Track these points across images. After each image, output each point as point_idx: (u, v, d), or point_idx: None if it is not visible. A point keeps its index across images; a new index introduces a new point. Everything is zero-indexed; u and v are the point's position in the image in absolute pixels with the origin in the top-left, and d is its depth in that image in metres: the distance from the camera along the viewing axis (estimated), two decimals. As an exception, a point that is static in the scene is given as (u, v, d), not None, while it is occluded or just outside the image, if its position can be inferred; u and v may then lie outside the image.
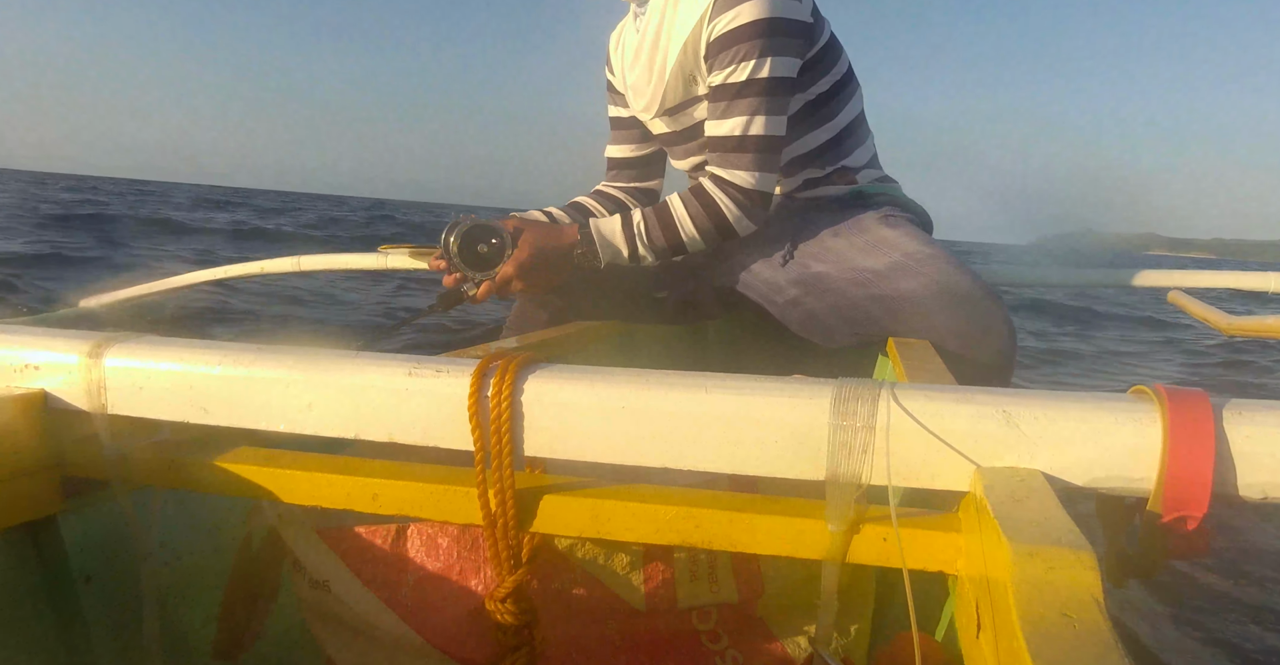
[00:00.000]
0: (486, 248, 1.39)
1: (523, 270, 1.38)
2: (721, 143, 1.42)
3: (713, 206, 1.42)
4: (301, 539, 0.74)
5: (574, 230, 1.43)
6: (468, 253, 1.39)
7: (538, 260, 1.40)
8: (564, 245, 1.42)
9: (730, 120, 1.40)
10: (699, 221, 1.42)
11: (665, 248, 1.44)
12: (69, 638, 0.75)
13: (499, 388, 0.62)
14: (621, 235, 1.43)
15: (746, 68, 1.37)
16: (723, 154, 1.42)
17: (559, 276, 1.45)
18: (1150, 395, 0.56)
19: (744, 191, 1.41)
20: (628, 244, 1.44)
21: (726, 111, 1.40)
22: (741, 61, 1.37)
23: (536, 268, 1.40)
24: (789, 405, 0.58)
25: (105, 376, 0.69)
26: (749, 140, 1.40)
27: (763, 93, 1.38)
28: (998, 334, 1.33)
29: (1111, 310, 8.54)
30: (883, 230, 1.48)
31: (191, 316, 4.25)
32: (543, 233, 1.41)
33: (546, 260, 1.41)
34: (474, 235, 1.39)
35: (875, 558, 0.58)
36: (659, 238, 1.43)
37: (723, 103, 1.41)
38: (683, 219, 1.43)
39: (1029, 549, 0.43)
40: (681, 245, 1.45)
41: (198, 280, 2.67)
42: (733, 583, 0.72)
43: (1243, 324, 1.71)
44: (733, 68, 1.38)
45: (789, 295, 1.49)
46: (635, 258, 1.45)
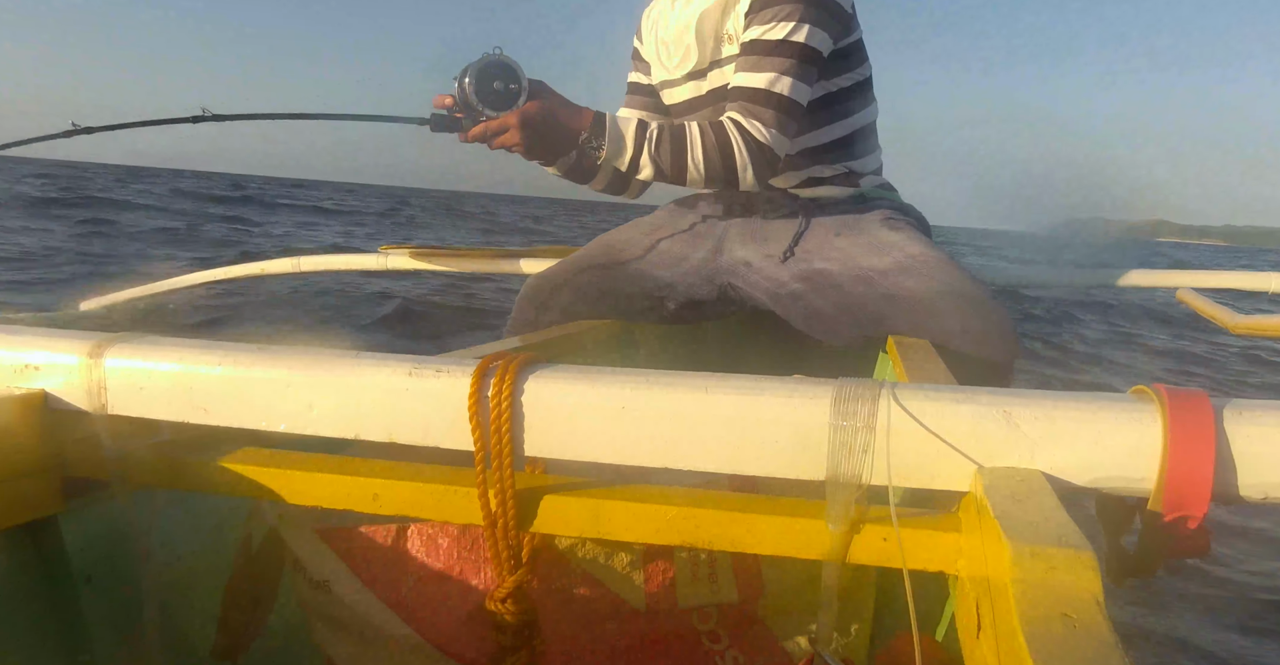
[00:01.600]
0: (502, 87, 1.33)
1: (526, 124, 1.33)
2: (748, 93, 1.42)
3: (727, 146, 1.40)
4: (302, 539, 0.74)
5: (590, 114, 1.40)
6: (483, 83, 1.32)
7: (544, 122, 1.35)
8: (576, 122, 1.38)
9: (760, 74, 1.41)
10: (709, 155, 1.41)
11: (668, 166, 1.42)
12: (69, 638, 0.75)
13: (499, 388, 0.62)
14: (633, 136, 1.40)
15: (786, 28, 1.40)
16: (745, 104, 1.42)
17: (556, 150, 1.41)
18: (1150, 395, 0.56)
19: (760, 144, 1.40)
20: (635, 147, 1.41)
21: (758, 65, 1.41)
22: (782, 21, 1.40)
23: (539, 129, 1.35)
24: (789, 405, 0.58)
25: (105, 377, 0.69)
26: (775, 97, 1.40)
27: (795, 56, 1.40)
28: (1002, 332, 1.33)
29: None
30: (885, 232, 1.49)
31: (191, 318, 4.25)
32: (561, 101, 1.38)
33: (552, 126, 1.36)
34: (496, 70, 1.33)
35: (875, 558, 0.58)
36: (666, 153, 1.41)
37: (755, 57, 1.42)
38: (695, 146, 1.41)
39: (1029, 549, 0.43)
40: (684, 170, 1.43)
41: (198, 281, 2.68)
42: (733, 583, 0.72)
43: (1250, 323, 1.71)
44: (773, 25, 1.40)
45: (792, 290, 1.49)
46: (635, 165, 1.42)
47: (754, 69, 1.42)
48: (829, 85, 1.52)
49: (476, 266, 2.36)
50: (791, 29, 1.40)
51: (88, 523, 0.75)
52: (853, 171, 1.58)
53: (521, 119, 1.33)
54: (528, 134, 1.34)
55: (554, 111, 1.36)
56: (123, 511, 0.74)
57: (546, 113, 1.35)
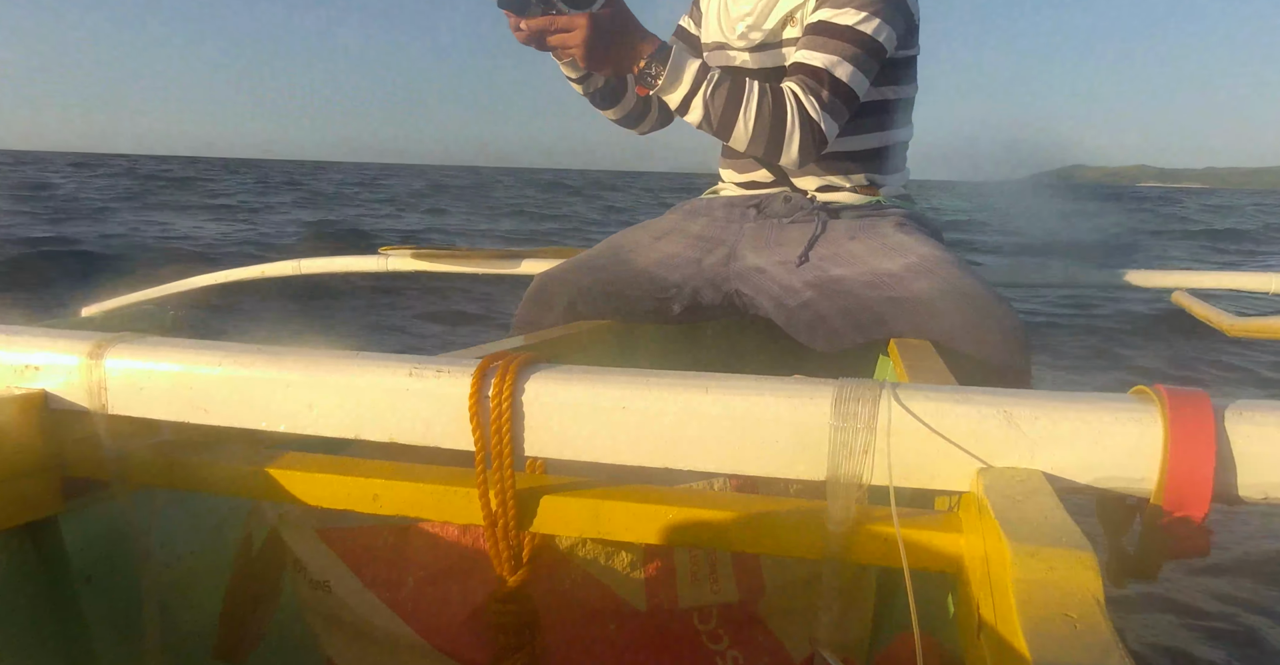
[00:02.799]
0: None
1: (596, 28, 1.27)
2: (809, 70, 1.39)
3: (782, 111, 1.37)
4: (302, 539, 0.74)
5: (656, 40, 1.36)
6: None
7: (614, 31, 1.29)
8: (641, 43, 1.34)
9: (824, 55, 1.38)
10: (763, 114, 1.38)
11: (718, 114, 1.38)
12: (69, 638, 0.75)
13: (499, 388, 0.62)
14: (693, 74, 1.36)
15: (858, 16, 1.38)
16: (806, 79, 1.39)
17: (616, 63, 1.35)
18: (1151, 395, 0.56)
19: (813, 121, 1.38)
20: (693, 84, 1.36)
21: (824, 46, 1.39)
22: (856, 7, 1.38)
23: (606, 39, 1.29)
24: (789, 405, 0.58)
25: (106, 377, 0.69)
26: (834, 80, 1.38)
27: (861, 45, 1.38)
28: (1008, 332, 1.33)
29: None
30: (898, 235, 1.48)
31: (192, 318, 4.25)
32: (634, 18, 1.33)
33: (619, 40, 1.31)
34: None
35: (876, 558, 0.58)
36: (720, 100, 1.37)
37: (821, 37, 1.39)
38: (750, 101, 1.38)
39: (1029, 549, 0.43)
40: (732, 123, 1.39)
41: (199, 285, 2.68)
42: (733, 583, 0.72)
43: (1246, 325, 1.71)
44: (845, 10, 1.38)
45: (802, 298, 1.48)
46: (687, 104, 1.38)
47: (819, 49, 1.39)
48: (874, 93, 1.49)
49: (478, 267, 2.36)
50: (863, 18, 1.38)
51: (88, 523, 0.75)
52: (873, 182, 1.58)
53: (593, 22, 1.27)
54: (592, 40, 1.28)
55: (625, 23, 1.31)
56: (123, 511, 0.74)
57: (618, 24, 1.29)
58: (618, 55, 1.33)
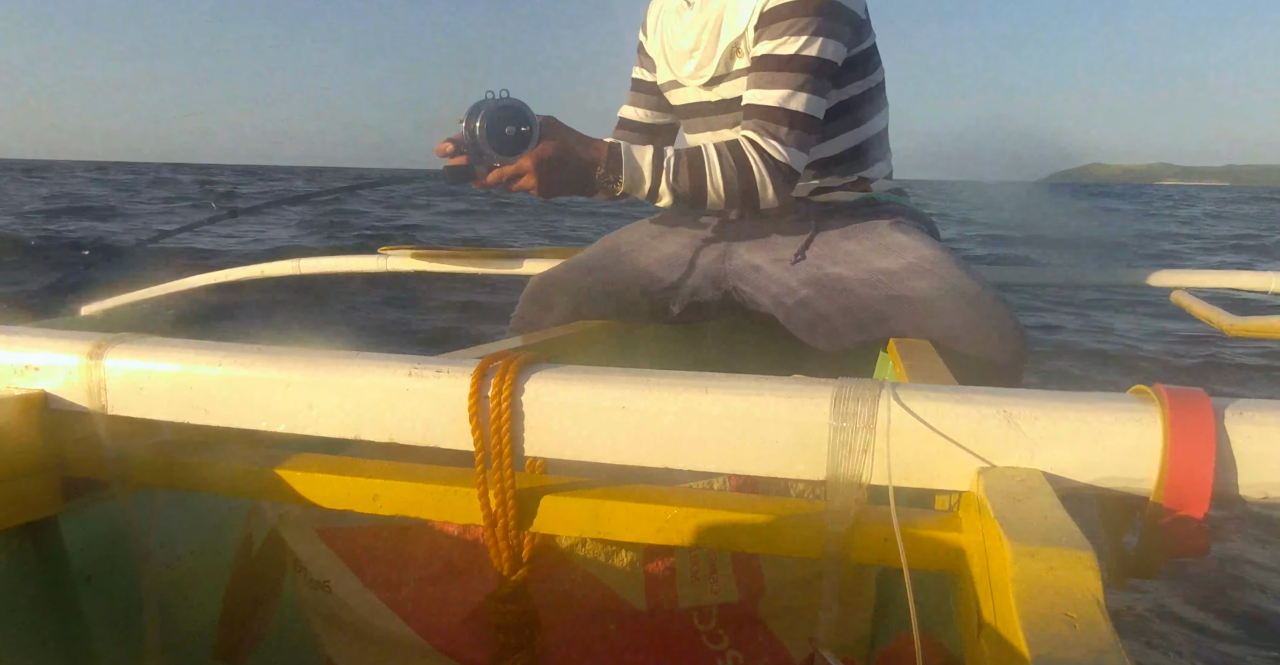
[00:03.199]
0: (514, 131, 1.30)
1: (542, 166, 1.31)
2: (763, 111, 1.40)
3: (746, 167, 1.39)
4: (302, 539, 0.74)
5: (604, 146, 1.38)
6: (494, 131, 1.29)
7: (560, 161, 1.33)
8: (591, 156, 1.36)
9: (773, 91, 1.38)
10: (729, 177, 1.39)
11: (688, 192, 1.40)
12: (69, 638, 0.75)
13: (499, 388, 0.62)
14: (650, 165, 1.38)
15: (799, 42, 1.36)
16: (761, 122, 1.40)
17: (574, 187, 1.38)
18: (1150, 395, 0.56)
19: (778, 163, 1.39)
20: (653, 176, 1.38)
21: (771, 82, 1.38)
22: (795, 35, 1.36)
23: (556, 169, 1.32)
24: (789, 405, 0.58)
25: (106, 377, 0.69)
26: (790, 114, 1.38)
27: (809, 71, 1.37)
28: (1007, 332, 1.33)
29: None
30: (895, 235, 1.48)
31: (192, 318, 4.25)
32: (575, 137, 1.36)
33: (568, 165, 1.34)
34: (506, 115, 1.30)
35: (876, 557, 0.58)
36: (685, 180, 1.39)
37: (768, 73, 1.39)
38: (714, 169, 1.39)
39: (1029, 549, 0.43)
40: (703, 195, 1.41)
41: (198, 284, 2.67)
42: (733, 583, 0.72)
43: (1246, 325, 1.71)
44: (784, 39, 1.37)
45: (800, 296, 1.48)
46: (655, 193, 1.40)
47: (768, 85, 1.39)
48: (841, 94, 1.49)
49: (477, 267, 2.36)
50: (804, 43, 1.36)
51: (88, 523, 0.75)
52: (863, 179, 1.58)
53: (537, 163, 1.30)
54: (544, 177, 1.32)
55: (568, 150, 1.34)
56: (123, 511, 0.74)
57: (561, 153, 1.32)
58: (572, 178, 1.36)
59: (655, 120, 1.75)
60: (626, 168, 1.37)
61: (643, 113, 1.75)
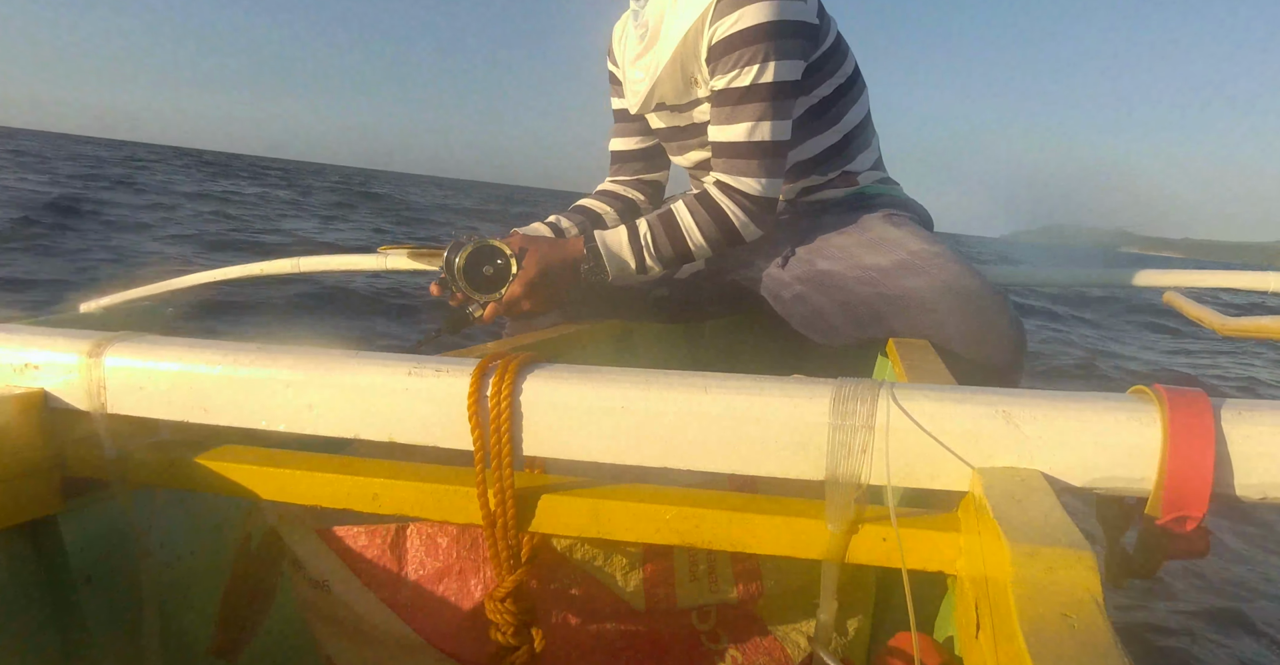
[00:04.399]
0: (492, 269, 1.36)
1: (530, 289, 1.36)
2: (727, 148, 1.40)
3: (720, 214, 1.40)
4: (301, 539, 0.74)
5: (579, 244, 1.41)
6: (473, 275, 1.36)
7: (545, 279, 1.37)
8: (570, 261, 1.40)
9: (735, 126, 1.38)
10: (706, 229, 1.41)
11: (673, 257, 1.43)
12: (69, 638, 0.75)
13: (499, 388, 0.62)
14: (629, 248, 1.41)
15: (751, 72, 1.35)
16: (728, 160, 1.40)
17: (566, 293, 1.43)
18: (1150, 395, 0.56)
19: (751, 198, 1.40)
20: (635, 257, 1.42)
21: (731, 116, 1.38)
22: (746, 65, 1.35)
23: (543, 286, 1.38)
24: (789, 405, 0.58)
25: (105, 376, 0.69)
26: (755, 146, 1.38)
27: (768, 97, 1.36)
28: (1004, 332, 1.33)
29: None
30: (887, 229, 1.48)
31: (192, 318, 4.25)
32: (548, 250, 1.39)
33: (553, 278, 1.38)
34: (478, 258, 1.36)
35: (875, 558, 0.58)
36: (666, 248, 1.42)
37: (727, 108, 1.38)
38: (690, 228, 1.41)
39: (1029, 549, 0.43)
40: (689, 254, 1.44)
41: (197, 282, 2.67)
42: (733, 583, 0.72)
43: (1238, 325, 1.71)
44: (737, 72, 1.36)
45: (794, 291, 1.49)
46: (643, 269, 1.44)
47: (729, 121, 1.39)
48: (811, 98, 1.49)
49: (476, 266, 2.35)
50: (758, 72, 1.35)
51: (88, 523, 0.75)
52: (849, 172, 1.58)
53: (525, 289, 1.36)
54: (536, 295, 1.37)
55: (549, 265, 1.38)
56: (123, 511, 0.74)
57: (543, 270, 1.37)
58: (561, 284, 1.40)
59: (647, 145, 1.74)
60: (607, 258, 1.41)
61: (633, 141, 1.75)
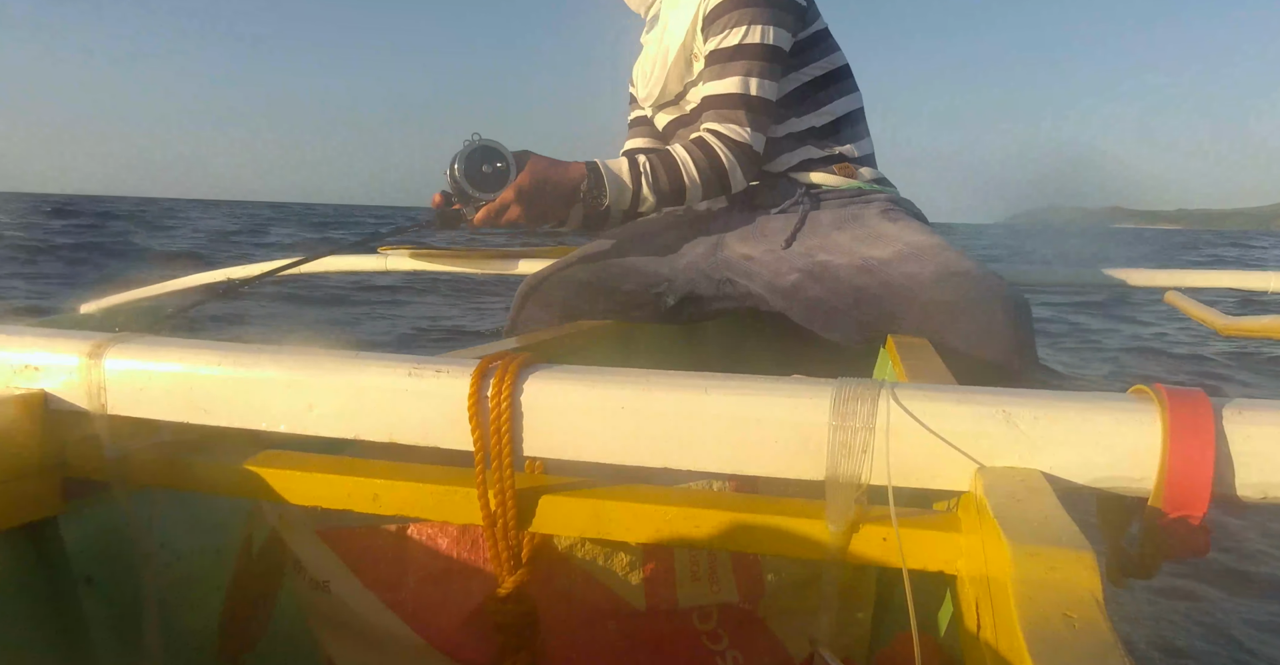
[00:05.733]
0: (490, 169, 1.38)
1: (523, 196, 1.38)
2: (717, 100, 1.49)
3: (714, 156, 1.47)
4: (302, 539, 0.74)
5: (581, 166, 1.45)
6: (472, 172, 1.37)
7: (540, 188, 1.39)
8: (570, 178, 1.43)
9: (725, 79, 1.48)
10: (700, 167, 1.47)
11: (668, 191, 1.48)
12: (69, 639, 0.75)
13: (499, 388, 0.62)
14: (628, 174, 1.46)
15: (740, 32, 1.47)
16: (718, 110, 1.49)
17: (560, 209, 1.46)
18: (1150, 395, 0.56)
19: (739, 145, 1.47)
20: (633, 184, 1.46)
21: (721, 73, 1.48)
22: (735, 27, 1.47)
23: (538, 195, 1.39)
24: (789, 405, 0.58)
25: (105, 377, 0.69)
26: (743, 98, 1.47)
27: (756, 56, 1.47)
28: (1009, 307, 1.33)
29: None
30: (885, 224, 1.50)
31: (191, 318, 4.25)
32: (549, 163, 1.42)
33: (549, 189, 1.41)
34: (480, 156, 1.38)
35: (875, 558, 0.58)
36: (663, 180, 1.47)
37: (717, 66, 1.49)
38: (686, 164, 1.47)
39: (1029, 549, 0.43)
40: (682, 190, 1.48)
41: (198, 282, 2.67)
42: (733, 583, 0.72)
43: (1239, 324, 1.71)
44: (726, 32, 1.47)
45: (793, 282, 1.50)
46: (638, 198, 1.48)
47: (719, 76, 1.49)
48: (800, 76, 1.57)
49: (476, 267, 2.36)
50: (746, 32, 1.46)
51: (88, 523, 0.75)
52: (845, 157, 1.60)
53: (518, 194, 1.38)
54: (528, 205, 1.39)
55: (546, 177, 1.40)
56: (123, 512, 0.74)
57: (539, 180, 1.39)
58: (556, 201, 1.43)
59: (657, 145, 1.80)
60: (608, 181, 1.45)
61: (643, 142, 1.82)
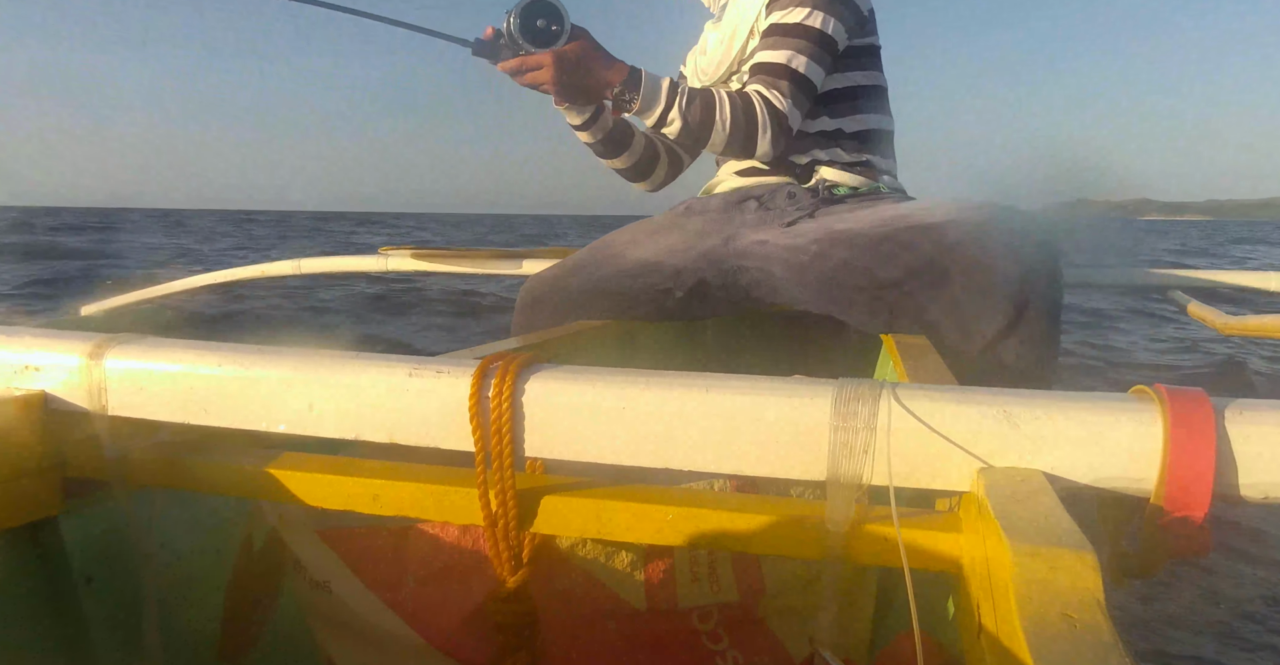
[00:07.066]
0: (545, 26, 1.36)
1: (561, 64, 1.36)
2: (768, 68, 1.51)
3: (751, 109, 1.48)
4: (302, 540, 0.74)
5: (625, 68, 1.44)
6: (527, 19, 1.35)
7: (580, 65, 1.38)
8: (611, 70, 1.42)
9: (779, 51, 1.51)
10: (735, 115, 1.47)
11: (695, 124, 1.47)
12: (69, 639, 0.75)
13: (499, 388, 0.62)
14: (665, 91, 1.46)
15: (802, 13, 1.51)
16: (766, 76, 1.51)
17: (588, 95, 1.45)
18: (1151, 395, 0.56)
19: (778, 112, 1.48)
20: (667, 100, 1.46)
21: (776, 45, 1.51)
22: (799, 6, 1.51)
23: (574, 70, 1.38)
24: (789, 405, 0.58)
25: (106, 377, 0.69)
26: (790, 71, 1.49)
27: (812, 40, 1.50)
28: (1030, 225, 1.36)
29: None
30: (899, 206, 1.52)
31: (192, 320, 4.25)
32: (598, 49, 1.41)
33: (584, 71, 1.39)
34: (542, 9, 1.36)
35: (876, 558, 0.58)
36: (696, 110, 1.46)
37: (774, 37, 1.52)
38: (722, 106, 1.47)
39: (1030, 549, 0.43)
40: (710, 129, 1.48)
41: (199, 284, 2.67)
42: (733, 583, 0.72)
43: (1240, 324, 1.71)
44: (789, 10, 1.51)
45: (813, 251, 1.49)
46: (664, 119, 1.47)
47: (773, 48, 1.52)
48: (844, 79, 1.59)
49: (477, 267, 2.36)
50: (808, 14, 1.50)
51: (88, 523, 0.75)
52: (871, 165, 1.62)
53: (555, 59, 1.35)
54: (560, 74, 1.37)
55: (591, 57, 1.39)
56: (123, 512, 0.74)
57: (581, 58, 1.38)
58: (588, 84, 1.42)
59: None
60: (645, 86, 1.44)
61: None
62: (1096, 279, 2.24)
